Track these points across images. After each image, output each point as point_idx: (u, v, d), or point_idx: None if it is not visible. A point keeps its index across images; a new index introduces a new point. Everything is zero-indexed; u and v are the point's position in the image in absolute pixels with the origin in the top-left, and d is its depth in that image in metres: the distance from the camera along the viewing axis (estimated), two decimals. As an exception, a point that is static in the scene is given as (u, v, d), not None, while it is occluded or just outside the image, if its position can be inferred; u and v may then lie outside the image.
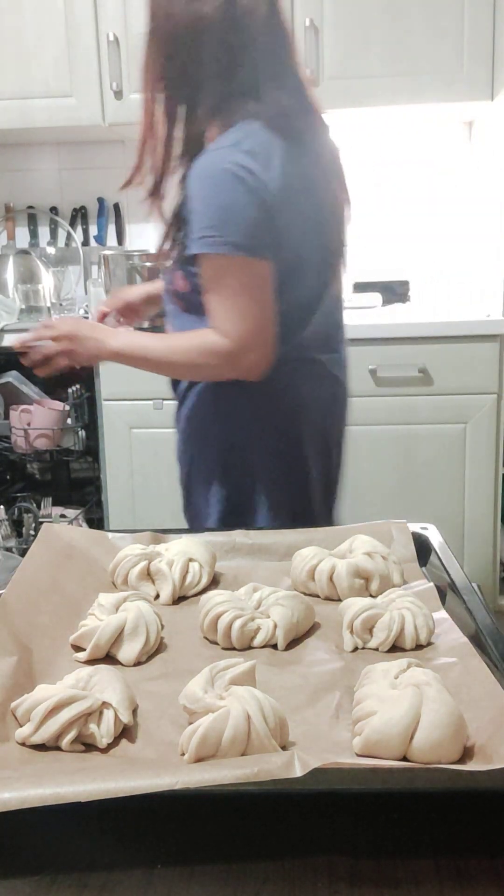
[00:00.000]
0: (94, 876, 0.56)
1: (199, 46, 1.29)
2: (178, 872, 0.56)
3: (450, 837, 0.59)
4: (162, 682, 0.80)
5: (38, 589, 0.93)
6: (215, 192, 1.29)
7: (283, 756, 0.59)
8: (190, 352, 1.37)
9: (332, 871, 0.56)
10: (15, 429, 2.65)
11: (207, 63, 1.30)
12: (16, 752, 0.68)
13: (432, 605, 0.91)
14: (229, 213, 1.29)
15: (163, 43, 1.32)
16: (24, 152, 3.10)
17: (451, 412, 2.46)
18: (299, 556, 1.01)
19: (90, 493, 2.88)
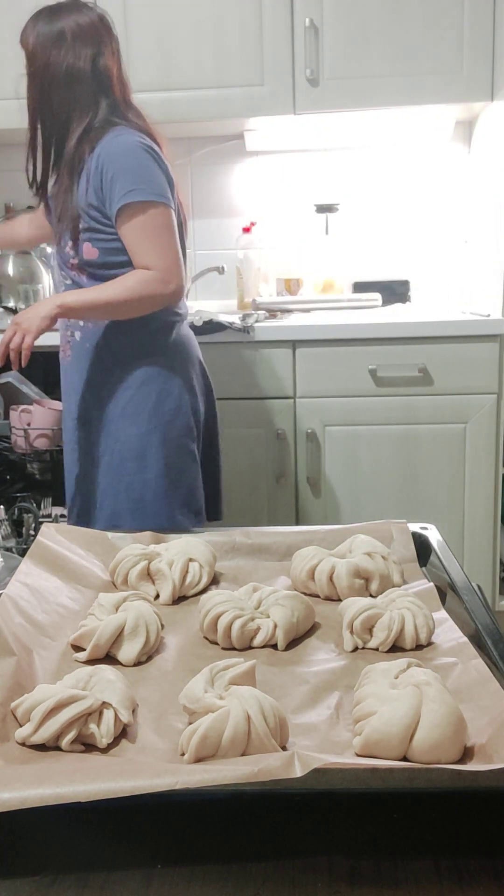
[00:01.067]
0: (94, 876, 0.56)
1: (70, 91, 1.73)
2: (178, 872, 0.56)
3: (450, 837, 0.59)
4: (162, 682, 0.80)
5: (38, 589, 0.93)
6: (134, 160, 1.68)
7: (283, 756, 0.59)
8: (132, 288, 1.66)
9: (332, 871, 0.56)
10: (15, 429, 2.64)
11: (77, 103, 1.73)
12: (16, 752, 0.68)
13: (432, 605, 0.91)
14: (147, 173, 1.68)
15: (41, 87, 1.77)
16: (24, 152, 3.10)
17: (451, 412, 2.46)
18: (299, 556, 1.01)
19: (90, 493, 2.88)
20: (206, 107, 2.56)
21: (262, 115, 2.55)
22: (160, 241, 1.68)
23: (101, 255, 1.72)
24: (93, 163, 1.69)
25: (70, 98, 1.75)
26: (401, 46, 2.52)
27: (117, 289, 1.68)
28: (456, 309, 2.90)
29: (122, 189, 1.66)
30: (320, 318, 2.54)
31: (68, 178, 1.73)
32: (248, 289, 2.84)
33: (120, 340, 1.77)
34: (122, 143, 1.69)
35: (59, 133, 1.77)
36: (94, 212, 1.70)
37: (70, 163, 1.73)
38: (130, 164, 1.68)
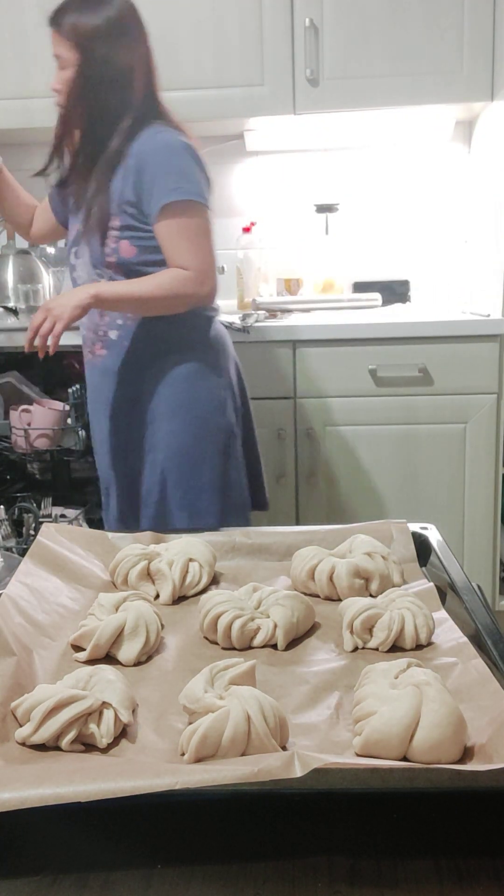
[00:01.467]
0: (94, 876, 0.56)
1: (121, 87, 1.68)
2: (178, 872, 0.56)
3: (450, 837, 0.59)
4: (162, 682, 0.80)
5: (38, 589, 0.93)
6: (176, 158, 1.66)
7: (283, 756, 0.59)
8: (168, 286, 1.65)
9: (332, 871, 0.56)
10: (15, 429, 2.64)
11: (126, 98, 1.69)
12: (16, 752, 0.68)
13: (432, 605, 0.91)
14: (189, 172, 1.67)
15: (92, 82, 1.67)
16: (24, 152, 3.10)
17: (451, 412, 2.46)
18: (299, 556, 1.01)
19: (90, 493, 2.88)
20: (206, 107, 2.55)
21: (262, 115, 2.55)
22: (198, 242, 1.67)
23: (139, 253, 1.70)
24: (132, 160, 1.67)
25: (121, 94, 1.69)
26: (401, 46, 2.52)
27: (152, 285, 1.66)
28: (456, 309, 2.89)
29: (163, 187, 1.64)
30: (320, 318, 2.54)
31: (104, 175, 1.69)
32: (249, 289, 2.84)
33: (160, 337, 1.75)
34: (164, 140, 1.68)
35: (104, 130, 1.71)
36: (131, 209, 1.68)
37: (110, 160, 1.69)
38: (173, 163, 1.66)
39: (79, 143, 1.75)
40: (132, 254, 1.70)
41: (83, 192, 1.75)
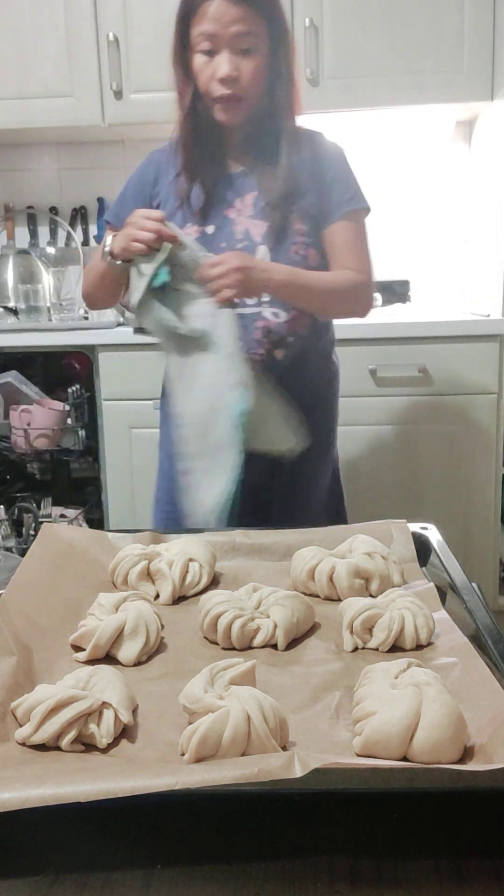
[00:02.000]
0: (94, 876, 0.56)
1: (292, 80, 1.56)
2: (178, 872, 0.56)
3: (450, 837, 0.59)
4: (162, 682, 0.80)
5: (38, 589, 0.93)
6: (347, 165, 1.62)
7: (283, 756, 0.59)
8: (345, 283, 1.57)
9: (332, 871, 0.56)
10: (15, 429, 2.65)
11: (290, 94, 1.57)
12: (16, 752, 0.68)
13: (432, 605, 0.91)
14: (357, 180, 1.63)
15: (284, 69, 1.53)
16: (24, 152, 3.10)
17: (451, 412, 2.46)
18: (299, 556, 1.01)
19: (90, 493, 2.88)
20: (206, 107, 2.55)
21: (262, 115, 2.55)
22: (367, 251, 1.63)
23: (321, 261, 1.60)
24: (304, 166, 1.57)
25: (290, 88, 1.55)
26: (401, 46, 2.52)
27: (334, 280, 1.57)
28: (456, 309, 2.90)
29: (343, 194, 1.59)
30: (320, 318, 2.54)
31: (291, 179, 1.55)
32: (248, 289, 2.83)
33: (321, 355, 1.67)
34: (333, 145, 1.63)
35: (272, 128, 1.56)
36: (311, 215, 1.58)
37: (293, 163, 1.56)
38: (346, 170, 1.62)
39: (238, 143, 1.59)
40: (317, 262, 1.59)
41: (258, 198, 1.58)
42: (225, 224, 1.58)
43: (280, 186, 1.55)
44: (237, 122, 1.54)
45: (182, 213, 1.59)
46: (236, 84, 1.47)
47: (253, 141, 1.58)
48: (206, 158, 1.58)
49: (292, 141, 1.56)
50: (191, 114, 1.54)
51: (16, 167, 3.14)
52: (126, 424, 2.60)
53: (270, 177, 1.56)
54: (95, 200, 3.13)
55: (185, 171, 1.60)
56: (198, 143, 1.57)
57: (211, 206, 1.59)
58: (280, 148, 1.55)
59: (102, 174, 3.11)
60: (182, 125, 1.57)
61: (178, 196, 1.60)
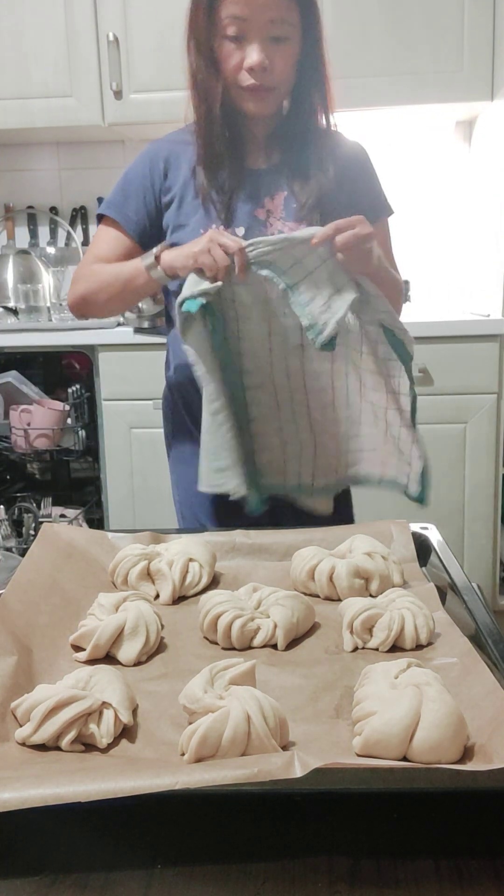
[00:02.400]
0: (94, 876, 0.56)
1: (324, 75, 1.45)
2: (178, 872, 0.56)
3: (450, 837, 0.59)
4: (162, 682, 0.80)
5: (38, 589, 0.93)
6: (372, 169, 1.54)
7: (283, 756, 0.59)
8: (399, 281, 1.51)
9: (332, 871, 0.56)
10: (15, 429, 2.65)
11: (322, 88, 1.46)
12: (16, 752, 0.68)
13: (432, 605, 0.91)
14: (380, 184, 1.57)
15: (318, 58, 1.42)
16: (24, 152, 3.11)
17: (451, 412, 2.46)
18: (299, 556, 1.01)
19: (90, 493, 2.88)
20: (206, 107, 2.55)
21: (262, 115, 2.55)
22: (392, 254, 1.59)
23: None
24: (334, 168, 1.46)
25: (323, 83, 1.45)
26: (401, 46, 2.52)
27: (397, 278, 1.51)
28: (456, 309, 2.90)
29: (374, 203, 1.53)
30: (320, 318, 2.54)
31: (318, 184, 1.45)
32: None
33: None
34: (358, 148, 1.54)
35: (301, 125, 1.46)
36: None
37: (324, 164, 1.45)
38: (373, 174, 1.55)
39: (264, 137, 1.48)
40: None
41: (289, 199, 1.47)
42: (255, 225, 1.47)
43: (313, 187, 1.45)
44: (266, 113, 1.43)
45: (203, 212, 1.46)
46: (267, 74, 1.36)
47: (280, 136, 1.47)
48: (228, 152, 1.45)
49: (323, 139, 1.46)
50: (214, 103, 1.42)
51: (16, 167, 3.14)
52: (126, 424, 2.59)
53: (302, 176, 1.45)
54: (95, 200, 3.13)
55: (205, 165, 1.46)
56: (221, 135, 1.45)
57: (236, 205, 1.47)
58: (310, 145, 1.45)
59: (102, 174, 3.11)
60: (203, 114, 1.44)
61: (197, 192, 1.47)
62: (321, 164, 1.45)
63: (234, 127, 1.44)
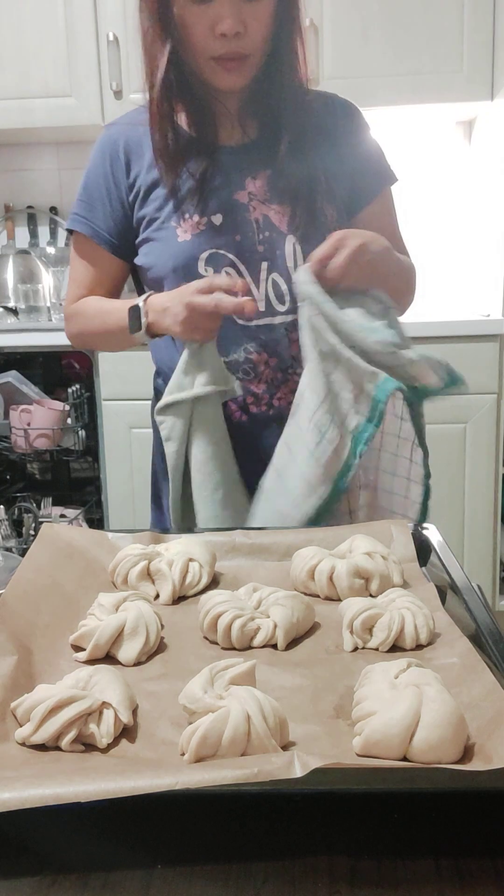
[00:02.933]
0: (94, 876, 0.56)
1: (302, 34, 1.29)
2: (178, 872, 0.56)
3: (450, 837, 0.59)
4: (162, 682, 0.80)
5: (38, 589, 0.93)
6: (369, 132, 1.37)
7: (283, 756, 0.59)
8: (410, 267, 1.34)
9: (332, 871, 0.56)
10: (15, 429, 2.65)
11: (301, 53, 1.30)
12: (16, 752, 0.68)
13: (432, 605, 0.91)
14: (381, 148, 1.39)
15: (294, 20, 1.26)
16: (24, 152, 3.11)
17: (451, 412, 2.46)
18: (299, 556, 1.01)
19: (90, 493, 2.88)
20: (206, 107, 2.56)
21: (262, 115, 2.55)
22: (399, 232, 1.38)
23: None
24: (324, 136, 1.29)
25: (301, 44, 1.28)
26: (401, 46, 2.52)
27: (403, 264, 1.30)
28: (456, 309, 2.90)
29: (377, 171, 1.36)
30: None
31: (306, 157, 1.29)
32: (248, 289, 2.83)
33: None
34: (347, 105, 1.39)
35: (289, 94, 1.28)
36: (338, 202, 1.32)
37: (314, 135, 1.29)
38: (371, 139, 1.38)
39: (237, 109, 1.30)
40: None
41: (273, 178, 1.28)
42: (235, 210, 1.27)
43: (301, 162, 1.26)
44: (241, 86, 1.24)
45: (174, 203, 1.29)
46: (242, 40, 1.16)
47: (255, 105, 1.28)
48: (195, 133, 1.27)
49: (304, 103, 1.27)
50: (169, 76, 1.22)
51: (16, 167, 3.14)
52: (126, 424, 2.60)
53: (286, 150, 1.26)
54: (95, 200, 3.13)
55: (161, 155, 1.27)
56: (182, 115, 1.27)
57: (212, 188, 1.27)
58: (290, 112, 1.26)
59: (102, 174, 3.11)
60: (158, 92, 1.24)
61: (164, 184, 1.29)
62: (305, 133, 1.27)
63: (199, 103, 1.26)
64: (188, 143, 1.27)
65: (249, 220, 1.27)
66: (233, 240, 1.27)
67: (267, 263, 1.27)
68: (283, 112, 1.27)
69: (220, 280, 1.15)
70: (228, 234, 1.27)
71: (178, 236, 1.28)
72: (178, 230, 1.28)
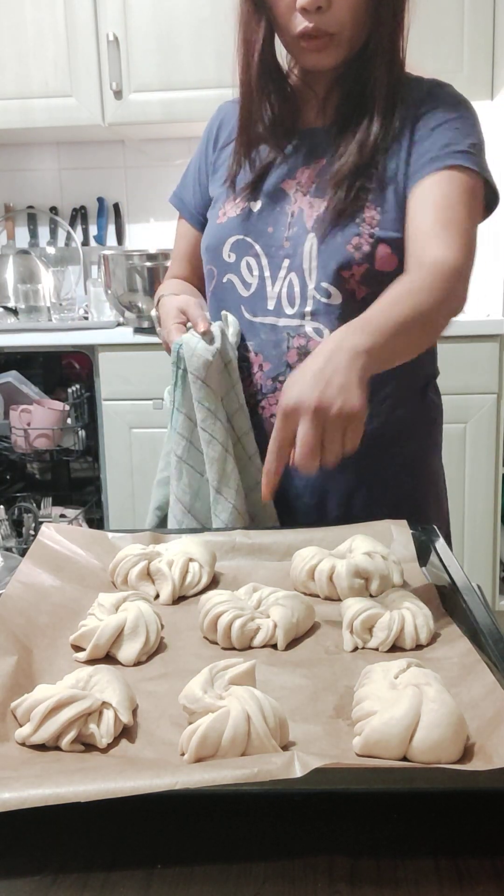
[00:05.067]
0: (94, 876, 0.56)
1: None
2: (178, 872, 0.56)
3: (450, 837, 0.59)
4: (162, 682, 0.80)
5: (38, 589, 0.93)
6: (472, 115, 1.18)
7: (283, 756, 0.59)
8: (438, 286, 1.05)
9: (332, 871, 0.56)
10: (15, 429, 2.65)
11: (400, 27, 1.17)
12: (16, 752, 0.68)
13: (432, 605, 0.91)
14: (481, 139, 1.17)
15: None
16: (24, 152, 3.11)
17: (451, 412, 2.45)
18: (299, 556, 1.01)
19: (90, 493, 2.88)
20: (206, 107, 2.55)
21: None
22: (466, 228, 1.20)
23: (397, 267, 1.15)
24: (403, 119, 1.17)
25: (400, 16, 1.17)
26: (401, 46, 2.52)
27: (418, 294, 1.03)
28: (456, 309, 2.89)
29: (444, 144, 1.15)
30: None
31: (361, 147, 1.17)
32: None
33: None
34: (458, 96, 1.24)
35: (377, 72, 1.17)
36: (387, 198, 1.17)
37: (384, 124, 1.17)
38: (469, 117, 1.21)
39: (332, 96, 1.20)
40: (392, 266, 1.16)
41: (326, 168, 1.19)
42: (277, 200, 1.20)
43: (355, 151, 1.15)
44: (327, 66, 1.15)
45: (230, 184, 1.25)
46: (325, 16, 1.08)
47: (342, 88, 1.19)
48: (276, 118, 1.20)
49: (394, 90, 1.16)
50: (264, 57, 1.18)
51: (16, 167, 3.14)
52: (126, 424, 2.60)
53: (350, 136, 1.16)
54: (95, 200, 3.14)
55: (242, 135, 1.23)
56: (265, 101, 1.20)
57: (268, 173, 1.22)
58: (372, 98, 1.15)
59: (102, 174, 3.11)
60: (254, 72, 1.20)
61: (229, 170, 1.25)
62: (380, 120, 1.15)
63: (287, 84, 1.20)
64: (266, 128, 1.21)
65: (286, 213, 1.20)
66: (265, 230, 1.20)
67: (289, 261, 1.19)
68: (364, 96, 1.16)
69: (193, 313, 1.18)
70: (262, 224, 1.21)
71: (219, 217, 1.25)
72: (220, 211, 1.25)
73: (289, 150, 1.22)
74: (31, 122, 2.74)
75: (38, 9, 2.65)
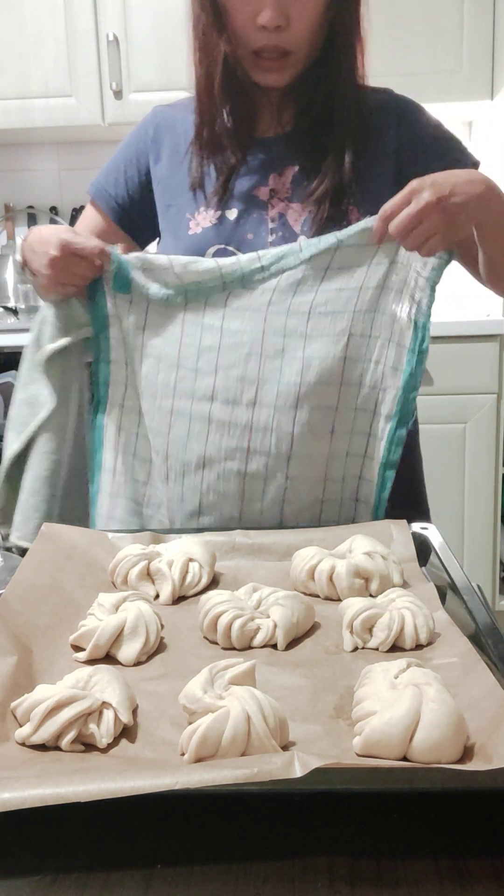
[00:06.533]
0: (94, 876, 0.56)
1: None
2: (178, 872, 0.56)
3: (450, 837, 0.59)
4: (162, 682, 0.80)
5: (38, 589, 0.93)
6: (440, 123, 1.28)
7: (283, 756, 0.59)
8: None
9: (332, 871, 0.56)
10: (15, 429, 2.64)
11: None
12: (16, 752, 0.68)
13: (432, 605, 0.91)
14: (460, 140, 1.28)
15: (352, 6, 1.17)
16: (24, 152, 3.11)
17: (451, 412, 2.46)
18: (299, 556, 1.01)
19: (90, 493, 2.88)
20: (206, 107, 2.56)
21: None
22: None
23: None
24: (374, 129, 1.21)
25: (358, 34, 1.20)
26: (400, 46, 2.52)
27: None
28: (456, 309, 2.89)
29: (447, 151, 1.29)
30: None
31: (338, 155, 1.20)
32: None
33: None
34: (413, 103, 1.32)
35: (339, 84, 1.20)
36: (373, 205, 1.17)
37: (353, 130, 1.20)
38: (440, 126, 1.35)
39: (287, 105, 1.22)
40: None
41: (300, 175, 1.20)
42: (252, 207, 1.21)
43: (334, 159, 1.17)
44: (280, 85, 1.17)
45: (193, 194, 1.25)
46: (284, 34, 1.10)
47: (297, 97, 1.20)
48: (233, 125, 1.21)
49: (351, 101, 1.18)
50: (215, 69, 1.19)
51: (16, 167, 3.14)
52: (126, 424, 2.59)
53: (319, 144, 1.18)
54: (95, 200, 3.14)
55: (200, 147, 1.24)
56: (222, 110, 1.21)
57: (235, 182, 1.22)
58: (331, 107, 1.17)
59: (102, 174, 3.11)
60: (202, 85, 1.21)
61: (189, 172, 1.25)
62: (345, 130, 1.17)
63: (242, 94, 1.20)
64: (225, 134, 1.21)
65: (265, 219, 1.21)
66: (244, 237, 1.21)
67: None
68: (323, 106, 1.18)
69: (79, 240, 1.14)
70: (241, 231, 1.21)
71: (190, 228, 1.24)
72: (192, 222, 1.24)
73: (251, 157, 1.23)
74: (31, 122, 2.74)
75: (37, 9, 2.65)
